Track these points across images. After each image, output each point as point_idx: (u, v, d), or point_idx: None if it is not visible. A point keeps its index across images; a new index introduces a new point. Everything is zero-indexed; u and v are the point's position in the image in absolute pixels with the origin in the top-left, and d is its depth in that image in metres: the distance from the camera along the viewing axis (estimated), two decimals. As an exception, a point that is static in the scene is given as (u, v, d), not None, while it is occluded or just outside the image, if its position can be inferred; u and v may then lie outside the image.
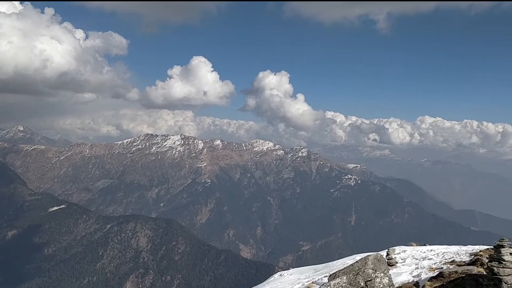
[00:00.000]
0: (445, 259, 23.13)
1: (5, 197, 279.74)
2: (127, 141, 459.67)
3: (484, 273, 14.28)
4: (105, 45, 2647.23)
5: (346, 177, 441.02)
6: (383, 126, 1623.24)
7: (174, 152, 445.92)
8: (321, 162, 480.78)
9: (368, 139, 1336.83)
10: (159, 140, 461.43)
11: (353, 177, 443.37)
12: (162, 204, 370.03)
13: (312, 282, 24.33)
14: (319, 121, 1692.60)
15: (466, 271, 15.79)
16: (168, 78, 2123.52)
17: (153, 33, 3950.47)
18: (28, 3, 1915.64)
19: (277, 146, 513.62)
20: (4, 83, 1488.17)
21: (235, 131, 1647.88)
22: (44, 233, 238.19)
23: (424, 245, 31.44)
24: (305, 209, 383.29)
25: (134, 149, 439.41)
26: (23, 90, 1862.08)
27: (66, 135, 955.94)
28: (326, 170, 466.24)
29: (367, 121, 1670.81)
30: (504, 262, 13.63)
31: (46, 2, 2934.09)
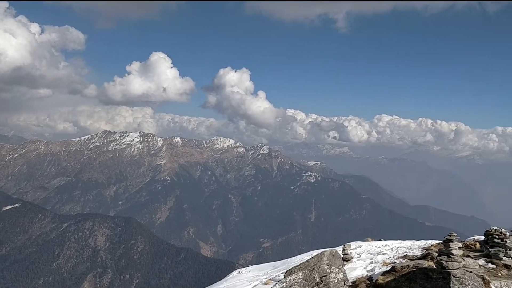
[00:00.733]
0: (399, 254, 23.69)
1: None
2: (85, 138, 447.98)
3: (434, 267, 14.67)
4: (62, 40, 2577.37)
5: (307, 174, 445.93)
6: (342, 124, 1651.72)
7: (133, 150, 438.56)
8: (282, 160, 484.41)
9: (328, 137, 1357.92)
10: (118, 137, 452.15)
11: (313, 174, 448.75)
12: (121, 203, 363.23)
13: (270, 279, 24.40)
14: (280, 119, 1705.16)
15: (417, 265, 16.18)
16: (127, 74, 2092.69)
17: (112, 28, 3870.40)
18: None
19: (238, 144, 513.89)
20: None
21: (196, 128, 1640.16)
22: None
23: (379, 240, 32.05)
24: (266, 206, 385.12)
25: (92, 146, 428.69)
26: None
27: (21, 132, 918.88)
28: (287, 167, 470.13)
29: (327, 119, 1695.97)
30: (453, 256, 14.05)
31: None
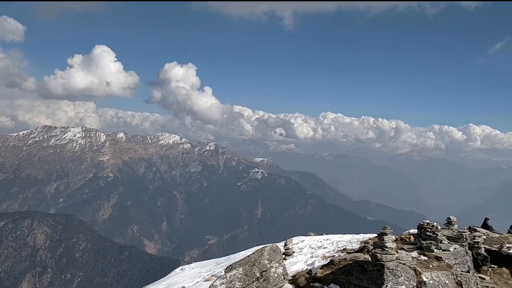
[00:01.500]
0: (338, 248, 24.29)
1: None
2: (23, 133, 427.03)
3: (369, 259, 15.11)
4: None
5: (253, 171, 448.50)
6: (289, 121, 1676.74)
7: (75, 145, 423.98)
8: (229, 156, 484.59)
9: (275, 133, 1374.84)
10: (58, 132, 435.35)
11: (260, 171, 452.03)
12: (62, 200, 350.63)
13: (212, 275, 24.35)
14: (227, 115, 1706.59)
15: (354, 258, 16.64)
16: (69, 68, 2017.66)
17: (53, 20, 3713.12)
18: None
19: (184, 140, 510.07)
20: None
21: (140, 124, 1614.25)
22: None
23: (321, 235, 32.73)
24: (212, 203, 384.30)
25: (31, 142, 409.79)
26: None
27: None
28: (234, 164, 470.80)
29: (274, 116, 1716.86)
30: (387, 249, 14.53)
31: None
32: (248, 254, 15.03)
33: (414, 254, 17.89)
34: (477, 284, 15.77)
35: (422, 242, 18.89)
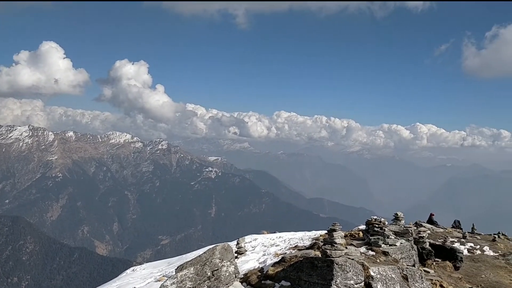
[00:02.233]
0: (290, 245, 24.54)
1: None
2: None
3: (320, 256, 15.36)
4: None
5: (207, 170, 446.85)
6: (243, 120, 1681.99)
7: (21, 144, 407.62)
8: (182, 155, 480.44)
9: (229, 132, 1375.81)
10: (4, 131, 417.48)
11: (214, 170, 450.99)
12: (8, 201, 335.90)
13: (163, 276, 24.05)
14: (180, 113, 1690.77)
15: (305, 255, 16.87)
16: (14, 64, 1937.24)
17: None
18: None
19: (135, 139, 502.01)
20: None
21: (90, 122, 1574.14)
22: None
23: (275, 233, 32.97)
24: (165, 203, 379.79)
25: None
26: None
27: None
28: (187, 163, 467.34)
29: (228, 114, 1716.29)
30: (336, 245, 14.81)
31: None
32: (200, 254, 14.93)
33: (363, 250, 18.36)
34: (422, 278, 16.37)
35: (370, 238, 19.41)
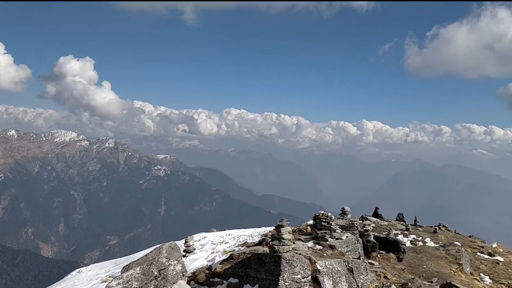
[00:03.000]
0: (239, 242, 24.56)
1: None
2: None
3: (268, 252, 15.43)
4: None
5: (156, 168, 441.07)
6: (192, 117, 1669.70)
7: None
8: (130, 153, 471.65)
9: (178, 130, 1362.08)
10: None
11: (163, 168, 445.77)
12: None
13: (109, 276, 23.44)
14: (127, 111, 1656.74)
15: (253, 251, 16.90)
16: None
17: None
18: None
19: (81, 137, 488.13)
20: None
21: (33, 120, 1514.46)
22: None
23: (224, 230, 32.89)
24: (113, 202, 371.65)
25: None
26: None
27: None
28: (135, 161, 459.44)
29: (176, 112, 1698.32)
30: (284, 240, 14.95)
31: None
32: (146, 253, 14.63)
33: (310, 244, 18.64)
34: (367, 270, 16.82)
35: (318, 232, 19.73)
